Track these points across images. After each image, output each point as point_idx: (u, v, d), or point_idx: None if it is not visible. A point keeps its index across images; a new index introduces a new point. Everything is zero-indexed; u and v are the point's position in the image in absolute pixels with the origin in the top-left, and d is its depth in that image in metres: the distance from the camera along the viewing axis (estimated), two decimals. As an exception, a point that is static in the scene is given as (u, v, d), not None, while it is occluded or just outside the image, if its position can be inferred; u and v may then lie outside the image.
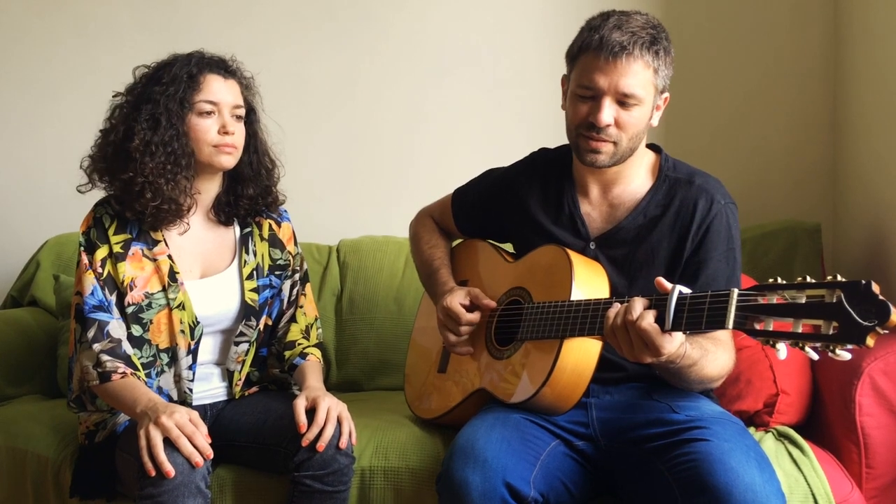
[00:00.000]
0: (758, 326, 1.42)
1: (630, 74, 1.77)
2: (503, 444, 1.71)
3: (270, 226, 2.18)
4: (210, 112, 2.01)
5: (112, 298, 1.97)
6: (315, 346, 2.17)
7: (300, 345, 2.15)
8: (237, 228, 2.14)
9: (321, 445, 1.84)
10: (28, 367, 2.60)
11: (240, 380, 2.11)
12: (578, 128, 1.84)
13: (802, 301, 1.36)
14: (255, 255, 2.13)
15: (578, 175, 1.96)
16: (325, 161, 3.02)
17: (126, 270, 1.98)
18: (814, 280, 1.36)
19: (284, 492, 1.91)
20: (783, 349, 1.39)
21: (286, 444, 1.90)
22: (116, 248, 2.00)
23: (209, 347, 2.08)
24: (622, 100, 1.79)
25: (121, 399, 1.89)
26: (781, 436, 2.05)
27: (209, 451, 1.79)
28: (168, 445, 1.76)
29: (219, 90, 2.02)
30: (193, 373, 2.03)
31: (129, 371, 1.92)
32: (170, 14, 3.02)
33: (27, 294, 2.83)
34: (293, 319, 2.17)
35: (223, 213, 2.12)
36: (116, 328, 1.95)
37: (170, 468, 1.73)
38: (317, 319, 2.23)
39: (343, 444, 1.87)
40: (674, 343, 1.56)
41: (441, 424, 2.08)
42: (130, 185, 1.96)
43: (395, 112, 3.00)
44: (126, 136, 1.98)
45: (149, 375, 1.98)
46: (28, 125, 3.09)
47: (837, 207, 2.78)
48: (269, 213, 2.18)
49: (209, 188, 2.10)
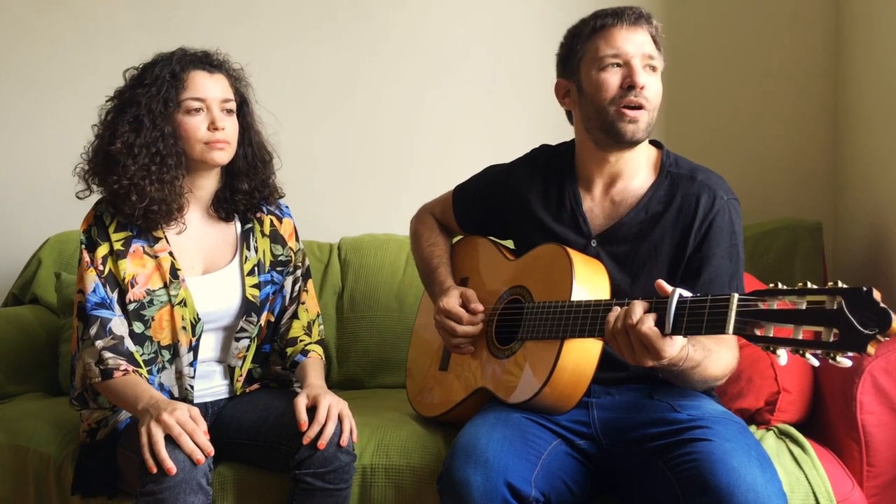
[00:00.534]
0: (758, 332, 1.41)
1: (648, 40, 1.85)
2: (504, 444, 1.71)
3: (272, 221, 2.18)
4: (198, 109, 2.00)
5: (114, 296, 1.98)
6: (317, 343, 2.17)
7: (302, 341, 2.15)
8: (238, 224, 2.14)
9: (322, 443, 1.84)
10: (29, 365, 2.60)
11: (241, 376, 2.11)
12: (613, 101, 1.83)
13: (803, 307, 1.35)
14: (257, 251, 2.13)
15: (583, 170, 1.96)
16: (327, 160, 3.02)
17: (127, 268, 1.99)
18: (815, 286, 1.35)
19: (285, 490, 1.91)
20: (784, 355, 1.38)
21: (287, 442, 1.90)
22: (117, 246, 2.00)
23: (210, 344, 2.08)
24: (648, 63, 1.83)
25: (123, 396, 1.89)
26: (782, 434, 2.05)
27: (210, 449, 1.79)
28: (169, 442, 1.76)
29: (205, 86, 2.02)
30: (194, 369, 2.03)
31: (132, 368, 1.92)
32: (170, 13, 3.02)
33: (28, 292, 2.84)
34: (295, 316, 2.17)
35: (223, 209, 2.12)
36: (119, 325, 1.95)
37: (171, 465, 1.74)
38: (319, 316, 2.23)
39: (344, 442, 1.87)
40: (675, 346, 1.56)
41: (442, 422, 2.08)
42: (117, 189, 1.97)
43: (396, 111, 3.00)
44: (110, 140, 1.98)
45: (150, 372, 1.98)
46: (28, 124, 3.09)
47: (838, 206, 2.78)
48: (270, 208, 2.18)
49: (206, 185, 2.10)
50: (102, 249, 1.99)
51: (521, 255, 2.00)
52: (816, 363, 1.36)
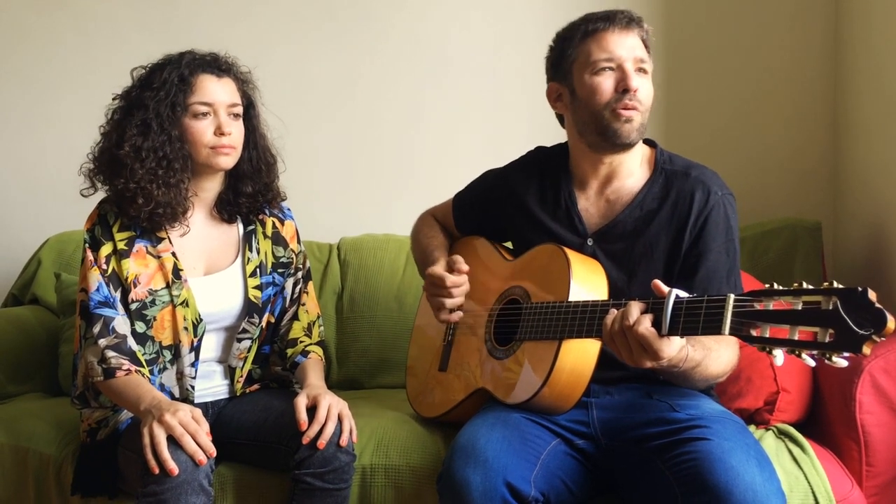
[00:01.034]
0: (754, 333, 1.41)
1: (638, 44, 1.86)
2: (504, 444, 1.71)
3: (274, 223, 2.18)
4: (205, 113, 2.00)
5: (117, 295, 1.98)
6: (317, 344, 2.18)
7: (302, 342, 2.15)
8: (240, 226, 2.15)
9: (322, 443, 1.84)
10: (29, 366, 2.60)
11: (241, 376, 2.11)
12: (608, 104, 1.84)
13: (799, 307, 1.35)
14: (259, 253, 2.13)
15: (577, 170, 1.96)
16: (326, 160, 3.02)
17: (130, 267, 1.99)
18: (811, 286, 1.35)
19: (285, 490, 1.91)
20: (780, 355, 1.38)
21: (287, 442, 1.90)
22: (121, 245, 2.00)
23: (212, 344, 2.08)
24: (640, 66, 1.85)
25: (125, 396, 1.90)
26: (782, 434, 2.05)
27: (212, 450, 1.80)
28: (171, 443, 1.77)
29: (213, 90, 2.01)
30: (196, 370, 2.03)
31: (134, 368, 1.92)
32: (170, 13, 3.02)
33: (28, 292, 2.84)
34: (295, 317, 2.17)
35: (226, 211, 2.12)
36: (121, 324, 1.96)
37: (173, 466, 1.74)
38: (319, 317, 2.23)
39: (344, 442, 1.87)
40: (672, 347, 1.56)
41: (442, 423, 2.08)
42: (123, 192, 1.97)
43: (396, 111, 3.00)
44: (117, 143, 1.98)
45: (151, 372, 1.98)
46: (29, 123, 3.09)
47: (838, 206, 2.78)
48: (272, 211, 2.19)
49: (210, 187, 2.10)
50: (106, 248, 2.00)
51: (519, 256, 2.00)
52: (813, 363, 1.36)
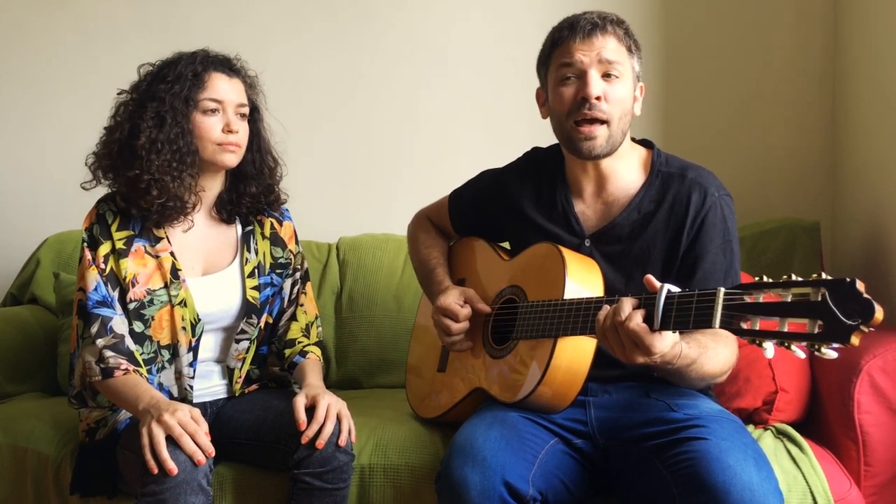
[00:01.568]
0: (744, 325, 1.41)
1: (608, 46, 1.82)
2: (502, 443, 1.71)
3: (272, 224, 2.18)
4: (214, 110, 2.02)
5: (115, 294, 1.98)
6: (315, 345, 2.18)
7: (300, 343, 2.15)
8: (239, 226, 2.15)
9: (320, 443, 1.85)
10: (28, 365, 2.60)
11: (240, 377, 2.11)
12: (569, 115, 1.84)
13: (788, 299, 1.36)
14: (257, 254, 2.13)
15: (571, 175, 1.96)
16: (325, 159, 3.02)
17: (128, 267, 1.99)
18: (800, 278, 1.35)
19: (284, 489, 1.91)
20: (770, 348, 1.38)
21: (286, 442, 1.90)
22: (119, 245, 2.00)
23: (210, 345, 2.08)
24: (606, 71, 1.82)
25: (123, 396, 1.90)
26: (780, 433, 2.05)
27: (211, 449, 1.80)
28: (170, 443, 1.77)
29: (223, 88, 2.03)
30: (194, 370, 2.03)
31: (132, 368, 1.92)
32: (169, 13, 3.02)
33: (27, 292, 2.84)
34: (293, 318, 2.18)
35: (225, 211, 2.12)
36: (119, 324, 1.96)
37: (172, 466, 1.74)
38: (317, 318, 2.23)
39: (342, 442, 1.87)
40: (665, 342, 1.56)
41: (440, 423, 2.08)
42: (136, 183, 1.97)
43: (395, 111, 3.00)
44: (132, 134, 1.99)
45: (150, 372, 1.98)
46: (28, 123, 3.09)
47: (836, 205, 2.78)
48: (271, 212, 2.19)
49: (212, 186, 2.10)
50: (104, 248, 2.00)
51: (516, 255, 2.00)
52: (803, 355, 1.36)
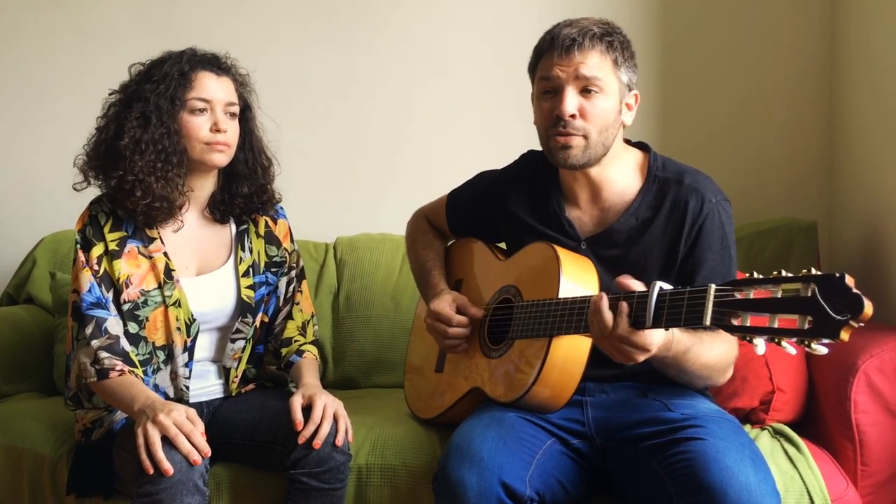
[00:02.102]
0: (735, 322, 1.41)
1: (587, 63, 1.80)
2: (499, 444, 1.71)
3: (266, 223, 2.18)
4: (202, 109, 2.01)
5: (109, 296, 1.97)
6: (311, 344, 2.17)
7: (297, 342, 2.15)
8: (233, 226, 2.14)
9: (317, 443, 1.84)
10: (24, 365, 2.59)
11: (236, 377, 2.11)
12: (547, 129, 1.84)
13: (779, 295, 1.36)
14: (251, 252, 2.13)
15: (565, 183, 1.95)
16: (322, 158, 3.02)
17: (122, 268, 1.98)
18: (790, 274, 1.36)
19: (281, 489, 1.91)
20: (761, 344, 1.38)
21: (282, 442, 1.90)
22: (112, 246, 1.99)
23: (205, 344, 2.08)
24: (584, 87, 1.80)
25: (118, 397, 1.89)
26: (777, 433, 2.06)
27: (207, 450, 1.79)
28: (166, 443, 1.76)
29: (211, 87, 2.02)
30: (190, 370, 2.03)
31: (127, 368, 1.92)
32: (166, 12, 3.02)
33: (23, 291, 2.83)
34: (289, 316, 2.17)
35: (218, 211, 2.12)
36: (114, 325, 1.95)
37: (168, 466, 1.73)
38: (313, 316, 2.23)
39: (339, 442, 1.87)
40: (657, 334, 1.57)
41: (438, 423, 2.08)
42: (121, 184, 1.97)
43: (392, 109, 3.00)
44: (116, 135, 1.98)
45: (145, 373, 1.98)
46: (24, 122, 3.08)
47: (833, 205, 2.78)
48: (265, 211, 2.18)
49: (204, 186, 2.10)
50: (97, 249, 1.99)
51: (512, 256, 2.00)
52: (793, 351, 1.37)
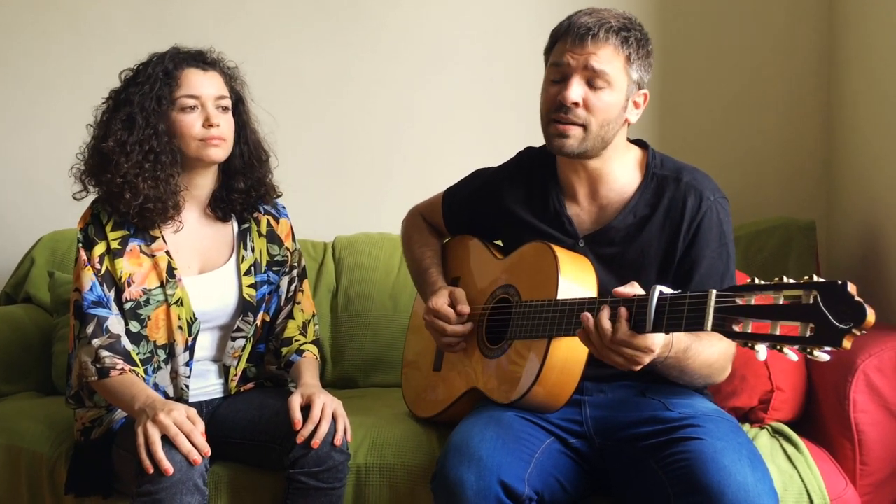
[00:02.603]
0: (736, 328, 1.41)
1: (599, 55, 1.79)
2: (498, 443, 1.71)
3: (269, 221, 2.18)
4: (193, 106, 2.00)
5: (110, 294, 1.97)
6: (312, 343, 2.17)
7: (297, 341, 2.15)
8: (235, 224, 2.14)
9: (316, 442, 1.84)
10: (23, 364, 2.59)
11: (236, 375, 2.11)
12: (549, 113, 1.84)
13: (780, 302, 1.36)
14: (253, 251, 2.12)
15: (563, 176, 1.95)
16: (320, 157, 3.02)
17: (124, 267, 1.98)
18: (791, 280, 1.36)
19: (280, 489, 1.91)
20: (762, 350, 1.38)
21: (281, 441, 1.90)
22: (114, 245, 1.99)
23: (206, 343, 2.08)
24: (591, 78, 1.79)
25: (119, 396, 1.89)
26: (776, 432, 2.06)
27: (207, 449, 1.79)
28: (166, 443, 1.76)
29: (199, 83, 2.02)
30: (190, 369, 2.03)
31: (128, 367, 1.92)
32: (163, 11, 3.01)
33: (22, 291, 2.82)
34: (290, 316, 2.17)
35: (220, 209, 2.12)
36: (115, 324, 1.95)
37: (168, 466, 1.73)
38: (314, 316, 2.22)
39: (338, 441, 1.87)
40: (656, 336, 1.57)
41: (436, 422, 2.08)
42: (110, 187, 1.97)
43: (390, 109, 3.00)
44: (103, 139, 1.99)
45: (146, 372, 1.98)
46: (22, 122, 3.08)
47: (832, 204, 2.78)
48: (267, 208, 2.18)
49: (203, 184, 2.09)
50: (99, 248, 1.99)
51: (509, 254, 2.00)
52: (795, 358, 1.37)
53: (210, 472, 1.93)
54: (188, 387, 2.03)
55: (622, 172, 1.90)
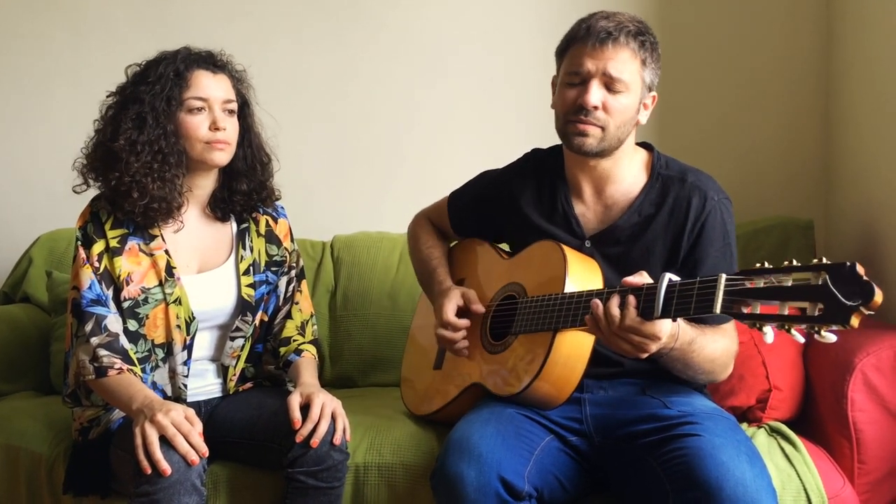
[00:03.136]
0: (745, 310, 1.44)
1: (617, 59, 1.81)
2: (498, 439, 1.71)
3: (267, 222, 2.18)
4: (200, 108, 2.00)
5: (109, 293, 1.97)
6: (310, 343, 2.17)
7: (295, 341, 2.15)
8: (234, 224, 2.14)
9: (315, 442, 1.84)
10: (21, 364, 2.59)
11: (234, 375, 2.11)
12: (567, 114, 1.85)
13: (789, 284, 1.38)
14: (252, 251, 2.13)
15: (571, 175, 1.96)
16: (320, 157, 3.02)
17: (122, 265, 1.98)
18: (800, 263, 1.38)
19: (278, 488, 1.91)
20: (770, 332, 1.41)
21: (280, 441, 1.90)
22: (113, 243, 1.99)
23: (204, 343, 2.08)
24: (609, 84, 1.82)
25: (117, 395, 1.89)
26: (774, 431, 2.06)
27: (205, 449, 1.79)
28: (164, 443, 1.76)
29: (208, 86, 2.02)
30: (188, 368, 2.03)
31: (126, 367, 1.91)
32: (163, 10, 3.01)
33: (19, 290, 2.82)
34: (289, 316, 2.17)
35: (219, 209, 2.12)
36: (114, 322, 1.95)
37: (166, 466, 1.73)
38: (312, 316, 2.23)
39: (337, 441, 1.87)
40: (665, 323, 1.60)
41: (435, 421, 2.08)
42: (118, 185, 1.96)
43: (390, 108, 3.00)
44: (112, 136, 1.98)
45: (143, 370, 1.98)
46: (20, 121, 3.08)
47: (830, 204, 2.79)
48: (266, 209, 2.18)
49: (204, 184, 2.09)
50: (98, 246, 1.99)
51: (517, 254, 2.00)
52: (802, 339, 1.39)
53: (208, 472, 1.93)
54: (186, 386, 2.03)
55: (629, 173, 1.92)
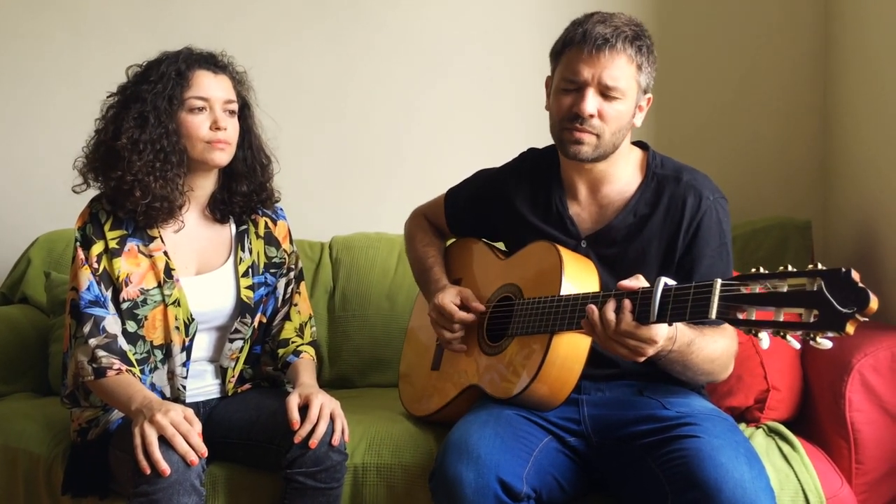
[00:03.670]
0: (740, 316, 1.43)
1: (613, 67, 1.80)
2: (496, 441, 1.71)
3: (266, 223, 2.18)
4: (201, 108, 2.01)
5: (108, 294, 1.97)
6: (309, 344, 2.17)
7: (294, 343, 2.15)
8: (233, 226, 2.14)
9: (314, 442, 1.84)
10: (19, 365, 2.58)
11: (233, 377, 2.11)
12: (562, 121, 1.85)
13: (784, 290, 1.38)
14: (251, 253, 2.13)
15: (566, 176, 1.96)
16: (319, 158, 3.02)
17: (121, 266, 1.98)
18: (795, 269, 1.38)
19: (277, 489, 1.91)
20: (765, 338, 1.41)
21: (279, 442, 1.90)
22: (112, 244, 1.99)
23: (203, 344, 2.08)
24: (605, 92, 1.81)
25: (115, 396, 1.89)
26: (772, 432, 2.06)
27: (204, 450, 1.79)
28: (163, 443, 1.76)
29: (209, 86, 2.02)
30: (187, 370, 2.03)
31: (125, 368, 1.92)
32: (162, 11, 3.01)
33: (18, 291, 2.82)
34: (287, 317, 2.17)
35: (219, 211, 2.12)
36: (112, 324, 1.95)
37: (165, 466, 1.73)
38: (311, 317, 2.23)
39: (336, 441, 1.87)
40: (662, 327, 1.59)
41: (433, 422, 2.08)
42: (120, 184, 1.96)
43: (389, 109, 3.00)
44: (114, 136, 1.98)
45: (142, 372, 1.98)
46: (19, 121, 3.07)
47: (828, 204, 2.79)
48: (265, 211, 2.18)
49: (204, 185, 2.10)
50: (97, 247, 1.99)
51: (512, 255, 2.00)
52: (798, 346, 1.39)
53: (207, 473, 1.93)
54: (185, 387, 2.03)
55: (624, 172, 1.92)
